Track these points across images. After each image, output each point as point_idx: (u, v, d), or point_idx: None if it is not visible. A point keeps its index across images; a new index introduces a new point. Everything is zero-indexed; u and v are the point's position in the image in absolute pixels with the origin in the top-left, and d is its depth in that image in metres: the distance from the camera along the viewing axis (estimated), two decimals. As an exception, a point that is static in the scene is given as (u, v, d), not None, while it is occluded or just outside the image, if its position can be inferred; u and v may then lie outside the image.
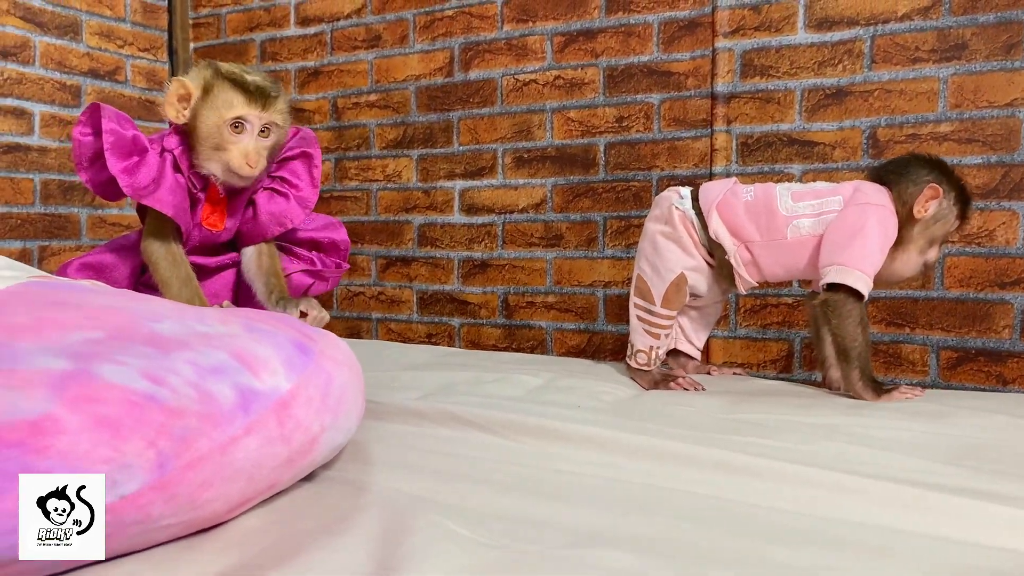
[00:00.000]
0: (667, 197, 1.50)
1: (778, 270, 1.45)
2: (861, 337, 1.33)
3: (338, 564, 0.63)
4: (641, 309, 1.47)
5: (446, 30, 2.15)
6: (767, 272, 1.46)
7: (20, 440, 0.60)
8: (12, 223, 2.11)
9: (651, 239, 1.49)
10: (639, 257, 1.51)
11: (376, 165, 2.28)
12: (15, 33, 2.10)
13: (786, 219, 1.40)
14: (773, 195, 1.43)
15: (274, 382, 0.76)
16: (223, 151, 1.15)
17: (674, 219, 1.46)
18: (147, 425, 0.66)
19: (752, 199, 1.44)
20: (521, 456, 0.95)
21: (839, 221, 1.36)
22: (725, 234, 1.44)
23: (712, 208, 1.44)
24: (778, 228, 1.41)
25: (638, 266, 1.51)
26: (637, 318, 1.48)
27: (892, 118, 1.69)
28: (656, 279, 1.45)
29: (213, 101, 1.14)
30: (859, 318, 1.33)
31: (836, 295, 1.34)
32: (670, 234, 1.46)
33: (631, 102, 1.93)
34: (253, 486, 0.74)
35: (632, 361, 1.49)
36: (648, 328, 1.46)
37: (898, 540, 0.70)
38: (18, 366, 0.65)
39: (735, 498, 0.80)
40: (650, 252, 1.48)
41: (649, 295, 1.46)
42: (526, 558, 0.64)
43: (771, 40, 1.78)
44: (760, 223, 1.42)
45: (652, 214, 1.52)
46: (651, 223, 1.51)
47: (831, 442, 1.00)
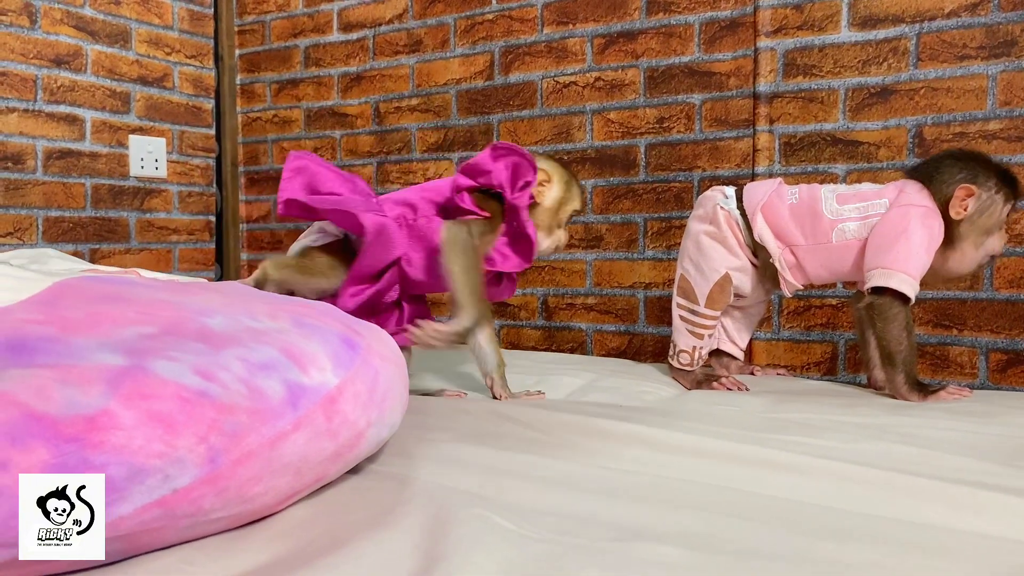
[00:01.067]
0: (712, 197, 1.49)
1: (823, 273, 1.43)
2: (906, 341, 1.32)
3: (385, 554, 0.64)
4: (684, 309, 1.46)
5: (486, 34, 2.16)
6: (812, 275, 1.44)
7: (77, 435, 0.62)
8: (65, 226, 2.16)
9: (695, 239, 1.48)
10: (682, 257, 1.51)
11: (417, 168, 2.30)
12: (68, 42, 2.15)
13: (831, 222, 1.39)
14: (818, 197, 1.41)
15: (322, 378, 0.77)
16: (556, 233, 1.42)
17: (719, 219, 1.45)
18: (199, 421, 0.67)
19: (797, 202, 1.43)
20: (564, 453, 0.95)
21: (883, 224, 1.35)
22: (770, 237, 1.43)
23: (757, 210, 1.43)
24: (823, 231, 1.39)
25: (681, 266, 1.50)
26: (680, 318, 1.47)
27: (939, 116, 1.66)
28: (700, 279, 1.45)
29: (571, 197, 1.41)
30: (904, 322, 1.31)
31: (881, 298, 1.32)
32: (715, 234, 1.45)
33: (672, 103, 1.93)
34: (301, 479, 0.75)
35: (675, 361, 1.48)
36: (691, 328, 1.45)
37: (951, 538, 0.69)
38: (75, 361, 0.66)
39: (781, 495, 0.80)
40: (694, 252, 1.47)
41: (693, 295, 1.45)
42: (573, 551, 0.64)
43: (814, 39, 1.76)
44: (805, 227, 1.41)
45: (696, 214, 1.51)
46: (695, 223, 1.50)
47: (878, 441, 0.98)
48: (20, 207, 2.07)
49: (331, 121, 2.44)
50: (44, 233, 2.12)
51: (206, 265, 2.52)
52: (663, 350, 1.95)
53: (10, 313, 0.71)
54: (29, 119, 2.09)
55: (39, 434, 0.60)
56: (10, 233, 2.05)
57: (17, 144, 2.07)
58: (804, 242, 1.41)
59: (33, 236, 2.10)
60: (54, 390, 0.63)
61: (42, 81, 2.11)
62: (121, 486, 0.62)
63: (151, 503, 0.64)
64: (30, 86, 2.08)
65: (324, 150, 2.45)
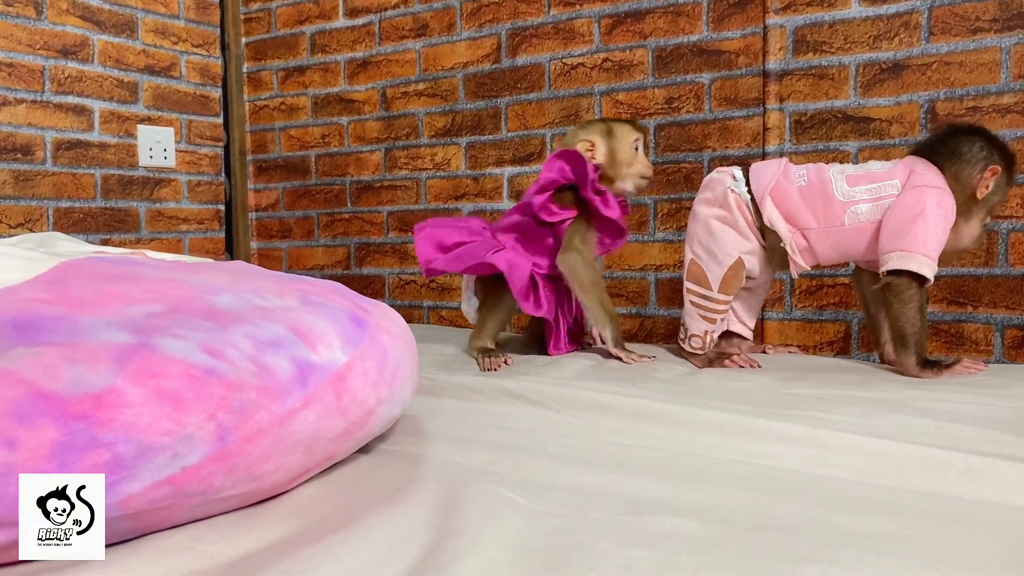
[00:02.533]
0: (720, 180, 1.47)
1: (833, 255, 1.43)
2: (920, 323, 1.31)
3: (397, 530, 0.64)
4: (696, 295, 1.45)
5: (493, 16, 2.15)
6: (822, 257, 1.43)
7: (85, 413, 0.62)
8: (75, 217, 2.16)
9: (704, 223, 1.46)
10: (690, 241, 1.49)
11: (425, 154, 2.29)
12: (75, 32, 2.15)
13: (843, 205, 1.37)
14: (827, 179, 1.39)
15: (331, 355, 0.76)
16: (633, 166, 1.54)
17: (729, 202, 1.43)
18: (207, 398, 0.67)
19: (806, 184, 1.40)
20: (576, 429, 0.94)
21: (897, 206, 1.33)
22: (780, 220, 1.41)
23: (766, 194, 1.41)
24: (835, 215, 1.38)
25: (691, 251, 1.48)
26: (691, 303, 1.45)
27: (952, 91, 1.64)
28: (712, 264, 1.43)
29: (617, 137, 1.53)
30: (920, 303, 1.31)
31: (900, 279, 1.31)
32: (726, 218, 1.43)
33: (681, 82, 1.91)
34: (311, 457, 0.74)
35: (686, 345, 1.47)
36: (704, 313, 1.44)
37: (969, 508, 0.69)
38: (82, 339, 0.66)
39: (796, 468, 0.79)
40: (704, 236, 1.45)
41: (705, 280, 1.44)
42: (586, 525, 0.64)
43: (824, 15, 1.74)
44: (816, 209, 1.39)
45: (702, 196, 1.49)
46: (702, 206, 1.48)
47: (894, 415, 0.97)
48: (31, 198, 2.08)
49: (338, 107, 2.43)
50: (55, 224, 2.12)
51: (216, 254, 2.52)
52: (674, 332, 1.93)
53: (17, 292, 0.71)
54: (37, 110, 2.09)
55: (47, 412, 0.60)
56: (21, 224, 2.06)
57: (26, 135, 2.07)
58: (816, 225, 1.39)
59: (44, 227, 2.10)
60: (61, 368, 0.62)
61: (49, 72, 2.11)
62: (130, 464, 0.62)
63: (160, 481, 0.64)
64: (37, 77, 2.08)
65: (332, 136, 2.45)
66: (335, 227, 2.48)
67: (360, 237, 2.43)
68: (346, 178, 2.44)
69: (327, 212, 2.49)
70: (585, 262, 1.46)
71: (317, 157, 2.49)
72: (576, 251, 1.47)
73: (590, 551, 0.60)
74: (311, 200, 2.52)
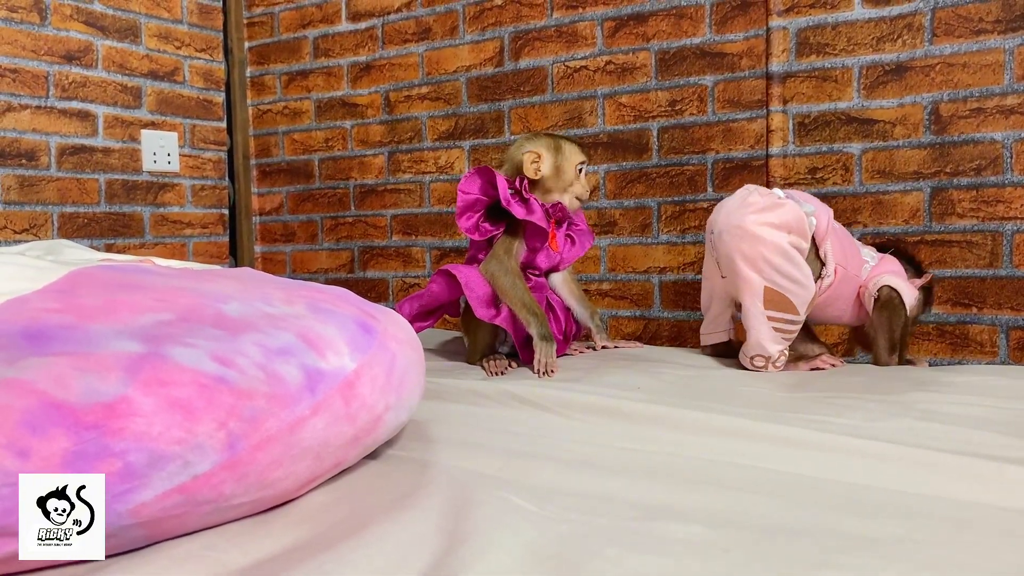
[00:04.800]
0: (792, 207, 1.41)
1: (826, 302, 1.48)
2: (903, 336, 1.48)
3: (407, 536, 0.64)
4: (780, 321, 1.39)
5: (495, 19, 2.15)
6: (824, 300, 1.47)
7: (97, 422, 0.62)
8: (80, 222, 2.17)
9: (778, 248, 1.37)
10: (762, 267, 1.38)
11: (428, 157, 2.29)
12: (79, 38, 2.16)
13: (862, 260, 1.50)
14: (850, 234, 1.54)
15: (340, 362, 0.76)
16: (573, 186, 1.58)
17: (806, 231, 1.41)
18: (217, 407, 0.67)
19: (839, 228, 1.50)
20: (583, 434, 0.94)
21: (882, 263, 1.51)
22: (831, 256, 1.44)
23: (829, 229, 1.44)
24: (859, 264, 1.49)
25: (766, 278, 1.38)
26: (775, 329, 1.39)
27: (955, 92, 1.64)
28: (798, 289, 1.38)
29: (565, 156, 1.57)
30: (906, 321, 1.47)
31: (896, 296, 1.45)
32: (800, 246, 1.40)
33: (684, 85, 1.91)
34: (320, 464, 0.75)
35: (770, 368, 1.40)
36: (786, 336, 1.41)
37: (976, 512, 0.69)
38: (93, 349, 0.66)
39: (804, 472, 0.79)
40: (781, 262, 1.37)
41: (789, 306, 1.38)
42: (595, 531, 0.64)
43: (827, 17, 1.75)
44: (853, 255, 1.49)
45: (766, 219, 1.39)
46: (767, 229, 1.38)
47: (902, 418, 0.97)
48: (35, 203, 2.08)
49: (342, 111, 2.44)
50: (59, 229, 2.13)
51: (220, 258, 2.53)
52: (679, 334, 1.94)
53: (27, 302, 0.71)
54: (41, 116, 2.09)
55: (59, 422, 0.60)
56: (26, 230, 2.06)
57: (30, 141, 2.07)
58: (848, 269, 1.47)
59: (48, 232, 2.11)
60: (72, 378, 0.63)
61: (53, 77, 2.11)
62: (142, 473, 0.62)
63: (172, 489, 0.64)
64: (42, 83, 2.09)
65: (335, 140, 2.45)
66: (339, 231, 2.48)
67: (364, 241, 2.43)
68: (349, 182, 2.44)
69: (331, 216, 2.49)
70: (503, 269, 1.50)
71: (320, 161, 2.49)
72: (497, 259, 1.52)
73: (600, 557, 0.60)
74: (315, 204, 2.52)
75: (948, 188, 1.66)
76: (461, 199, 1.55)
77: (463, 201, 1.55)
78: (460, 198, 1.55)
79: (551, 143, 1.58)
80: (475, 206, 1.57)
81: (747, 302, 1.40)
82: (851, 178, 1.74)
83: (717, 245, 1.44)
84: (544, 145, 1.58)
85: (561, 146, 1.58)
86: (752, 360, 1.40)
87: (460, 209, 1.56)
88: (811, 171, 1.78)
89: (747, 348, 1.41)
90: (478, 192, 1.55)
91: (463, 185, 1.56)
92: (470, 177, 1.56)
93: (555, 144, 1.58)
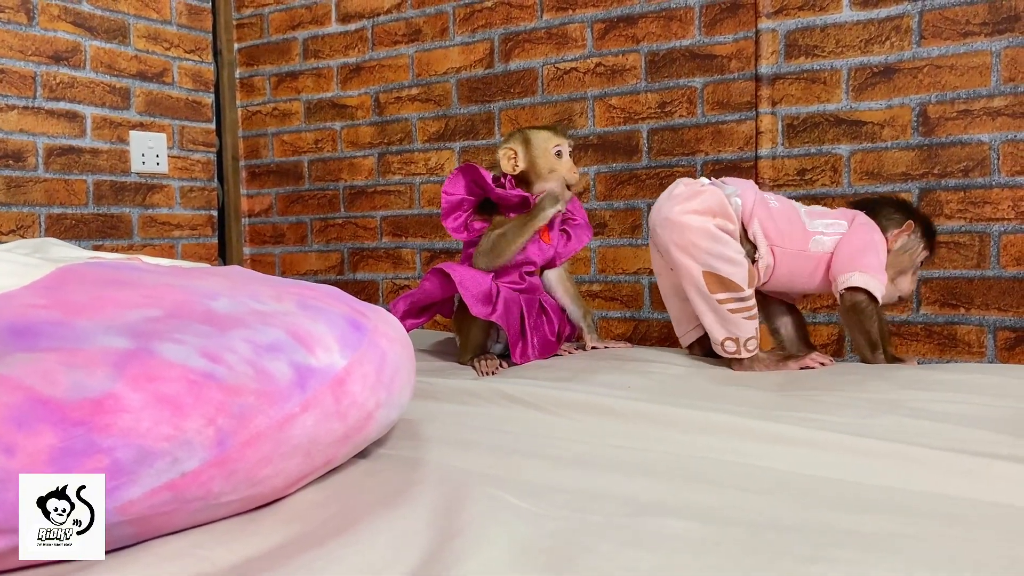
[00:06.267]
0: (713, 191, 1.45)
1: (783, 280, 1.49)
2: (881, 335, 1.46)
3: (398, 534, 0.64)
4: (731, 301, 1.40)
5: (486, 21, 2.15)
6: (773, 279, 1.49)
7: (84, 418, 0.61)
8: (68, 223, 2.16)
9: (703, 231, 1.41)
10: (694, 253, 1.41)
11: (419, 158, 2.29)
12: (66, 38, 2.14)
13: (810, 233, 1.47)
14: (795, 208, 1.50)
15: (329, 359, 0.76)
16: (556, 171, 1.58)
17: (730, 213, 1.44)
18: (206, 403, 0.67)
19: (778, 207, 1.49)
20: (575, 432, 0.94)
21: (851, 236, 1.46)
22: (762, 237, 1.46)
23: (754, 209, 1.46)
24: (803, 239, 1.47)
25: (695, 262, 1.41)
26: (731, 311, 1.40)
27: (943, 94, 1.65)
28: (731, 267, 1.40)
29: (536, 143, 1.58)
30: (881, 319, 1.46)
31: (862, 299, 1.43)
32: (726, 227, 1.43)
33: (673, 87, 1.92)
34: (310, 462, 0.74)
35: (744, 352, 1.42)
36: (747, 315, 1.41)
37: (967, 508, 0.69)
38: (80, 345, 0.66)
39: (795, 470, 0.79)
40: (709, 244, 1.40)
41: (732, 284, 1.40)
42: (586, 528, 0.64)
43: (816, 19, 1.75)
44: (788, 231, 1.47)
45: (689, 207, 1.43)
46: (693, 216, 1.42)
47: (891, 415, 0.98)
48: (22, 205, 2.07)
49: (331, 113, 2.43)
50: (47, 231, 2.12)
51: (209, 260, 2.52)
52: (669, 335, 1.94)
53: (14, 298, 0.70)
54: (29, 116, 2.08)
55: (46, 418, 0.60)
56: (13, 231, 2.05)
57: (18, 142, 2.06)
58: (785, 246, 1.46)
59: (36, 234, 2.10)
60: (60, 374, 0.62)
61: (41, 78, 2.10)
62: (130, 469, 0.62)
63: (160, 486, 0.63)
64: (29, 83, 2.08)
65: (325, 142, 2.45)
66: (328, 232, 2.47)
67: (354, 242, 2.43)
68: (339, 183, 2.44)
69: (320, 217, 2.48)
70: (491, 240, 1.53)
71: (310, 162, 2.49)
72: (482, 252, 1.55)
73: (592, 553, 0.60)
74: (304, 205, 2.51)
75: (936, 189, 1.66)
76: (445, 200, 1.57)
77: (447, 203, 1.57)
78: (444, 199, 1.57)
79: (522, 136, 1.60)
80: (461, 206, 1.58)
81: (691, 293, 1.44)
82: (840, 179, 1.75)
83: (656, 240, 1.50)
84: (517, 140, 1.60)
85: (530, 137, 1.59)
86: (723, 346, 1.43)
87: (445, 211, 1.58)
88: (800, 172, 1.78)
89: (712, 339, 1.45)
90: (463, 192, 1.56)
91: (447, 186, 1.57)
92: (453, 178, 1.57)
93: (524, 136, 1.60)
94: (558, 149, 1.58)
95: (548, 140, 1.58)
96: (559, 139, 1.58)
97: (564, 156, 1.58)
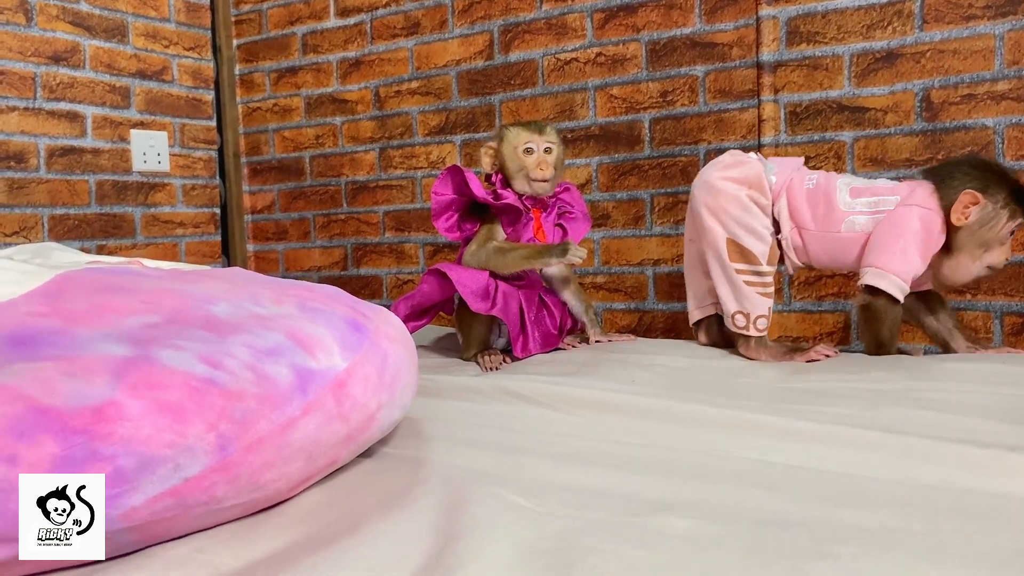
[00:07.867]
0: (754, 163, 1.46)
1: (826, 259, 1.47)
2: (890, 337, 1.41)
3: (402, 534, 0.64)
4: (747, 273, 1.40)
5: (485, 13, 2.14)
6: (815, 259, 1.48)
7: (85, 427, 0.61)
8: (70, 224, 2.16)
9: (735, 198, 1.42)
10: (717, 215, 1.42)
11: (420, 152, 2.29)
12: (65, 38, 2.14)
13: (843, 214, 1.42)
14: (833, 187, 1.44)
15: (330, 362, 0.76)
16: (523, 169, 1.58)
17: (765, 187, 1.44)
18: (207, 409, 0.67)
19: (813, 187, 1.45)
20: (577, 428, 0.94)
21: (886, 221, 1.39)
22: (785, 215, 1.45)
23: (783, 188, 1.45)
24: (834, 221, 1.42)
25: (725, 229, 1.42)
26: (746, 283, 1.40)
27: (946, 79, 1.64)
28: (755, 240, 1.40)
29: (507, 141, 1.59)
30: (893, 321, 1.39)
31: (877, 300, 1.38)
32: (759, 200, 1.44)
33: (675, 75, 1.91)
34: (313, 464, 0.74)
35: (752, 330, 1.41)
36: (762, 290, 1.40)
37: (974, 500, 0.68)
38: (79, 352, 0.66)
39: (799, 463, 0.79)
40: (739, 212, 1.41)
41: (752, 257, 1.40)
42: (590, 526, 0.64)
43: (817, 5, 1.74)
44: (817, 213, 1.44)
45: (728, 174, 1.44)
46: (728, 183, 1.43)
47: (896, 407, 0.97)
48: (25, 206, 2.07)
49: (331, 108, 2.43)
50: (50, 231, 2.12)
51: (213, 258, 2.52)
52: (673, 326, 1.94)
53: (13, 307, 0.70)
54: (30, 117, 2.08)
55: (46, 427, 0.60)
56: (16, 232, 2.05)
57: (19, 143, 2.06)
58: (813, 227, 1.44)
59: (39, 235, 2.10)
60: (60, 382, 0.62)
61: (41, 79, 2.10)
62: (132, 477, 0.62)
63: (163, 493, 0.63)
64: (29, 84, 2.07)
65: (326, 137, 2.44)
66: (331, 228, 2.47)
67: (357, 238, 2.42)
68: (341, 179, 2.43)
69: (323, 213, 2.48)
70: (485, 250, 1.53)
71: (311, 158, 2.48)
72: (476, 244, 1.56)
73: (595, 552, 0.60)
74: (306, 201, 2.51)
75: (940, 175, 1.65)
76: (435, 201, 1.58)
77: (437, 203, 1.58)
78: (434, 200, 1.58)
79: (498, 133, 1.62)
80: (451, 206, 1.59)
81: (711, 260, 1.44)
82: (843, 166, 1.74)
83: (692, 202, 1.50)
84: (497, 137, 1.62)
85: (504, 134, 1.60)
86: (733, 320, 1.43)
87: (435, 211, 1.58)
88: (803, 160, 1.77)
89: (724, 311, 1.45)
90: (452, 192, 1.57)
91: (436, 187, 1.58)
92: (442, 178, 1.58)
93: (500, 134, 1.61)
94: (528, 146, 1.57)
95: (518, 137, 1.58)
96: (531, 136, 1.57)
97: (534, 154, 1.57)
